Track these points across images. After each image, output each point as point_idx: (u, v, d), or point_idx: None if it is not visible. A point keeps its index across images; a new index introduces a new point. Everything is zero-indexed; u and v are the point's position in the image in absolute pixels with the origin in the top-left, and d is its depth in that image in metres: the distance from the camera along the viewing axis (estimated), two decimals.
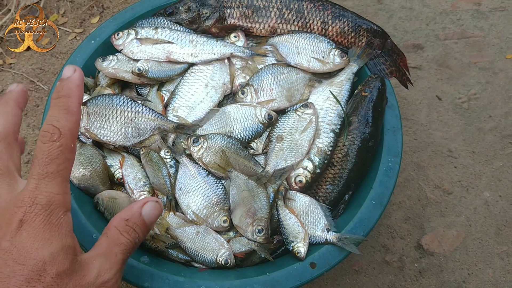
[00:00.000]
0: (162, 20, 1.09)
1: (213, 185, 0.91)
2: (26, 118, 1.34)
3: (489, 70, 1.50)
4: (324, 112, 0.99)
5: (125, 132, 0.93)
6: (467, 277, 1.16)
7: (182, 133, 0.95)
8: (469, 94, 1.44)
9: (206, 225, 0.89)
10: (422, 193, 1.28)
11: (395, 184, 0.93)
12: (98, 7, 1.51)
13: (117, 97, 0.94)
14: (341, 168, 0.95)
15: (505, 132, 1.38)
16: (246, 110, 0.98)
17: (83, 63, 1.05)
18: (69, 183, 0.58)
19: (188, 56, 1.03)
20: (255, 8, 1.08)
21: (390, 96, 1.02)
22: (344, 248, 0.85)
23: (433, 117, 1.41)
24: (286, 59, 1.05)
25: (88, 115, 0.93)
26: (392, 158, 0.95)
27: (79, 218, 0.85)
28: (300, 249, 0.85)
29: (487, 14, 1.61)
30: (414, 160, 1.33)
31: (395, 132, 0.99)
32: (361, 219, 0.88)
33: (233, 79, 1.05)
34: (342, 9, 1.09)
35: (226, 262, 0.85)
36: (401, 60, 1.11)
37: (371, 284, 1.15)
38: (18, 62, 1.42)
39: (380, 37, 1.08)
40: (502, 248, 1.20)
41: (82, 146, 0.93)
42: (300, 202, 0.91)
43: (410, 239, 1.22)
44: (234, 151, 0.93)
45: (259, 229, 0.86)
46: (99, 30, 1.10)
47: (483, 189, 1.29)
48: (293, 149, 0.94)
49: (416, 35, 1.57)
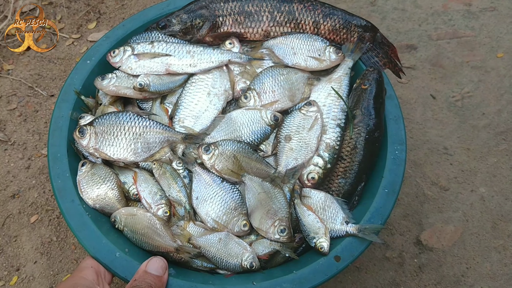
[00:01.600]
0: (156, 34, 1.09)
1: (229, 191, 0.92)
2: (26, 123, 1.34)
3: (481, 68, 1.54)
4: (328, 108, 1.01)
5: (135, 148, 0.93)
6: (465, 271, 1.20)
7: (191, 142, 0.96)
8: (462, 93, 1.48)
9: (227, 231, 0.89)
10: (420, 190, 1.31)
11: (404, 171, 0.95)
12: (94, 12, 1.51)
13: (123, 114, 0.94)
14: (351, 161, 0.97)
15: (499, 129, 1.42)
16: (251, 114, 0.99)
17: (81, 84, 1.05)
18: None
19: (187, 66, 1.04)
20: (246, 14, 1.10)
21: (387, 87, 1.05)
22: (365, 238, 0.87)
23: (428, 115, 1.45)
24: (283, 60, 1.06)
25: (96, 135, 0.92)
26: (398, 146, 0.98)
27: (100, 238, 0.85)
28: (323, 244, 0.86)
29: (478, 14, 1.66)
30: (411, 158, 1.36)
31: (397, 120, 1.01)
32: (377, 208, 0.90)
33: (233, 85, 1.06)
34: (331, 7, 1.12)
35: (251, 266, 0.86)
36: (392, 51, 1.14)
37: (372, 280, 1.17)
38: (16, 68, 1.41)
39: (370, 31, 1.11)
40: (499, 242, 1.24)
41: (94, 166, 0.93)
42: (316, 199, 0.93)
43: (409, 235, 1.24)
44: (246, 155, 0.94)
45: (282, 229, 0.87)
46: (93, 49, 1.10)
47: (479, 185, 1.33)
48: (302, 147, 0.96)
49: (409, 36, 1.61)
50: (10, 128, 1.34)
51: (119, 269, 0.82)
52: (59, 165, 0.93)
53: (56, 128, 0.98)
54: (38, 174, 1.28)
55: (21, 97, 1.36)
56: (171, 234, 0.87)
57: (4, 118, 1.35)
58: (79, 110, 1.03)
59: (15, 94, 1.37)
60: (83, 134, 0.92)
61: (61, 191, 0.91)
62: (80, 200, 0.90)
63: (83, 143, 0.93)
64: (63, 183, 0.91)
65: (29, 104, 1.35)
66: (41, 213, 1.23)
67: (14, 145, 1.31)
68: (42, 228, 1.21)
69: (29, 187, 1.26)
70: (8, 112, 1.36)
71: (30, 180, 1.27)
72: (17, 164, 1.29)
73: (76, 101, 1.03)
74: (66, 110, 1.01)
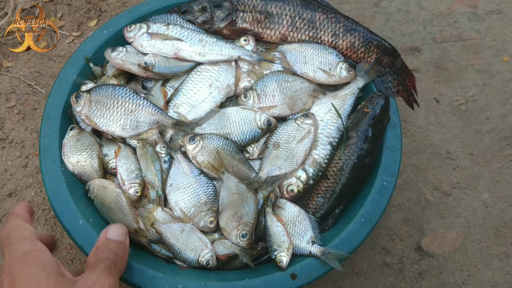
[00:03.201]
0: (175, 17, 1.10)
1: (204, 184, 0.91)
2: (24, 121, 1.34)
3: (486, 72, 1.49)
4: (324, 124, 0.98)
5: (124, 123, 0.94)
6: (466, 278, 1.16)
7: (180, 130, 0.96)
8: (466, 96, 1.43)
9: (192, 224, 0.89)
10: (421, 195, 1.27)
11: (387, 204, 0.91)
12: (95, 10, 1.52)
13: (120, 88, 0.95)
14: (335, 182, 0.94)
15: (503, 134, 1.38)
16: (246, 113, 0.98)
17: (93, 51, 1.07)
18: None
19: (196, 55, 1.04)
20: (268, 14, 1.08)
21: (393, 115, 1.01)
22: (327, 263, 0.84)
23: (431, 119, 1.41)
24: (293, 67, 1.04)
25: (90, 103, 0.94)
26: (388, 178, 0.94)
27: (68, 202, 0.86)
28: (283, 258, 0.84)
29: (484, 16, 1.61)
30: (413, 162, 1.33)
31: (394, 151, 0.97)
32: (348, 236, 0.87)
33: (238, 82, 1.05)
34: (354, 23, 1.09)
35: (207, 263, 0.85)
36: (410, 80, 1.09)
37: (371, 286, 1.14)
38: (16, 65, 1.41)
39: (390, 55, 1.07)
40: (501, 249, 1.20)
41: (81, 133, 0.94)
42: (289, 211, 0.91)
43: (409, 241, 1.21)
44: (229, 153, 0.93)
45: (243, 234, 0.85)
46: (113, 21, 1.12)
47: (482, 191, 1.28)
48: (289, 158, 0.94)
49: (413, 38, 1.56)
50: (8, 126, 1.35)
51: (78, 236, 0.83)
52: (51, 124, 0.95)
53: (58, 89, 1.00)
54: (35, 173, 1.28)
55: (20, 94, 1.37)
56: (134, 215, 0.87)
57: (2, 115, 1.36)
58: (84, 76, 1.05)
59: (14, 92, 1.38)
60: (78, 100, 0.94)
61: (46, 150, 0.93)
62: (61, 162, 0.92)
63: (77, 108, 0.95)
64: (49, 142, 0.93)
65: (28, 102, 1.36)
66: (38, 212, 1.23)
67: (12, 143, 1.32)
68: (38, 227, 1.20)
69: (26, 185, 1.26)
70: (7, 109, 1.37)
71: (27, 179, 1.27)
72: (15, 162, 1.30)
73: (84, 67, 1.05)
74: (71, 74, 1.03)
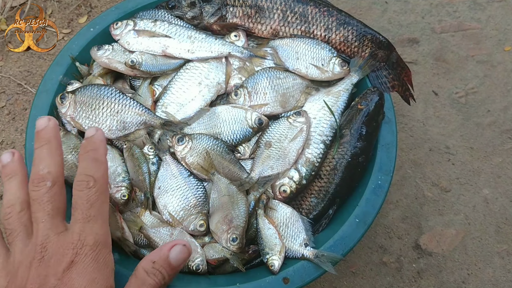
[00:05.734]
0: (163, 13, 1.07)
1: (194, 187, 0.89)
2: (14, 122, 1.31)
3: (487, 63, 1.45)
4: (317, 121, 0.95)
5: (110, 124, 0.91)
6: (466, 277, 1.13)
7: (169, 130, 0.93)
8: (466, 89, 1.40)
9: (182, 227, 0.86)
10: (420, 191, 1.24)
11: (382, 203, 0.89)
12: (86, 6, 1.48)
13: (105, 88, 0.92)
14: (328, 182, 0.92)
15: (504, 127, 1.34)
16: (236, 112, 0.95)
17: (79, 50, 1.04)
18: (108, 224, 0.64)
19: (184, 52, 1.01)
20: (258, 8, 1.05)
21: (388, 111, 0.98)
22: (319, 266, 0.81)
23: (429, 113, 1.37)
24: (284, 63, 1.01)
25: (75, 104, 0.91)
26: (383, 176, 0.91)
27: None
28: (274, 262, 0.82)
29: (485, 5, 1.56)
30: (411, 157, 1.29)
31: (389, 149, 0.95)
32: (342, 237, 0.85)
33: (228, 79, 1.02)
34: (348, 16, 1.05)
35: (197, 268, 0.83)
36: (406, 74, 1.06)
37: (368, 286, 1.12)
38: (5, 64, 1.38)
39: (385, 49, 1.04)
40: (502, 247, 1.17)
41: (66, 135, 0.92)
42: (281, 213, 0.88)
43: (407, 239, 1.18)
44: (219, 154, 0.90)
45: (234, 238, 0.83)
46: (99, 18, 1.08)
47: (482, 186, 1.25)
48: (281, 157, 0.91)
49: (411, 29, 1.52)
50: None
51: None
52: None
53: (44, 90, 0.98)
54: None
55: (10, 94, 1.33)
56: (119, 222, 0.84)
57: None
58: (71, 76, 1.02)
59: (4, 92, 1.35)
60: (63, 101, 0.92)
61: (32, 154, 0.90)
62: None
63: (62, 110, 0.92)
64: None
65: (18, 102, 1.33)
66: None
67: (2, 144, 1.28)
68: None
69: None
70: None
71: None
72: None
73: (70, 66, 1.02)
74: (57, 74, 1.00)
